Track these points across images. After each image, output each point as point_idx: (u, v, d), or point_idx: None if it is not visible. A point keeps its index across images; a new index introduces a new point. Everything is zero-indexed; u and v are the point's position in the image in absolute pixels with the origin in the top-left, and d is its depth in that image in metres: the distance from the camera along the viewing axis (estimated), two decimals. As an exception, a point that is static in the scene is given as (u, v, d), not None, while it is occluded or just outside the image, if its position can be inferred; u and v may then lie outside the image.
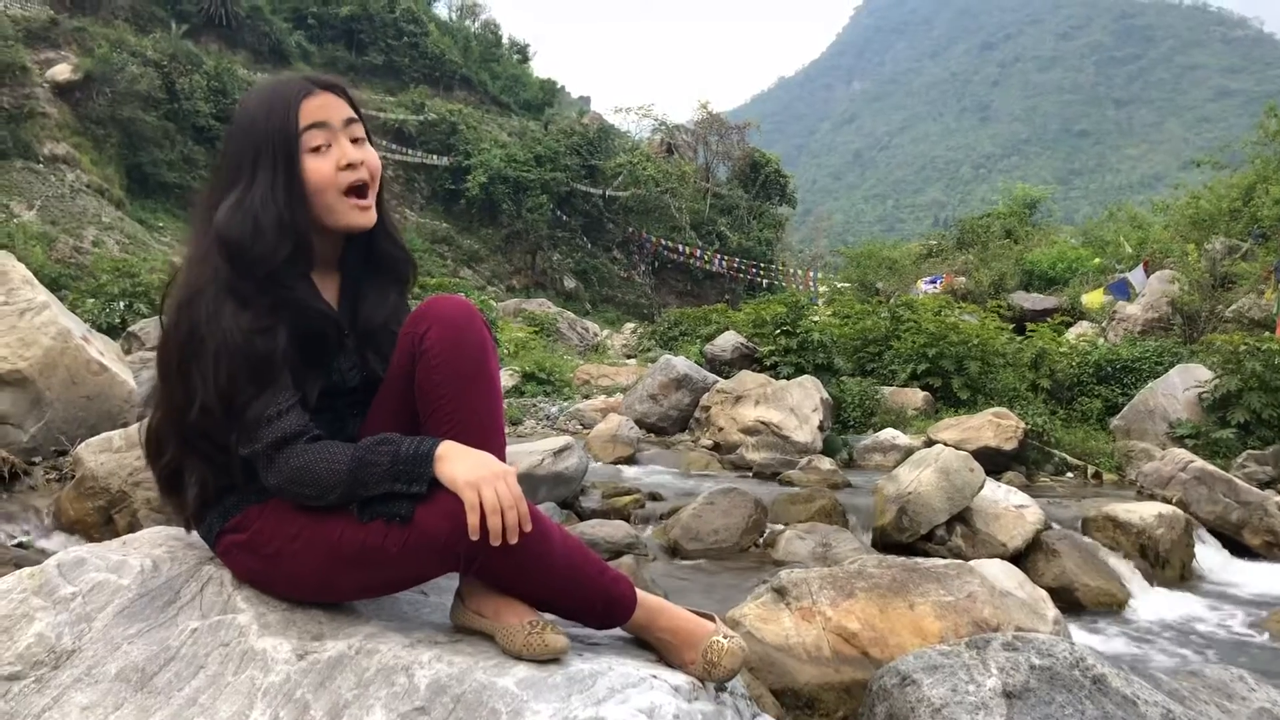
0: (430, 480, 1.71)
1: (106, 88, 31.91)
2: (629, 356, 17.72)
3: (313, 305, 1.94)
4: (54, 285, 16.88)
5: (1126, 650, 3.94)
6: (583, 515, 5.13)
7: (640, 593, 1.88)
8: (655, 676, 1.67)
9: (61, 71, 31.61)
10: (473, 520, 1.65)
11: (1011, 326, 11.22)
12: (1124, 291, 14.80)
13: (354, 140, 1.98)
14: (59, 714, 1.61)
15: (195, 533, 2.00)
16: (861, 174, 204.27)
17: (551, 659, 1.72)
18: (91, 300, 14.42)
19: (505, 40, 62.52)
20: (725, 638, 1.84)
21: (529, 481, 5.00)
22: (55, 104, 30.91)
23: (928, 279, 19.62)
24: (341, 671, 1.67)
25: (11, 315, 4.17)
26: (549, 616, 1.82)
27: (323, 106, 1.94)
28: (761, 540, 4.85)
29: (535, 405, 10.31)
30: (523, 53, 63.62)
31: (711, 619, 1.91)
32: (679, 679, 1.72)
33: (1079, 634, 3.96)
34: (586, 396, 10.98)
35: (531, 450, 5.17)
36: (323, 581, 1.82)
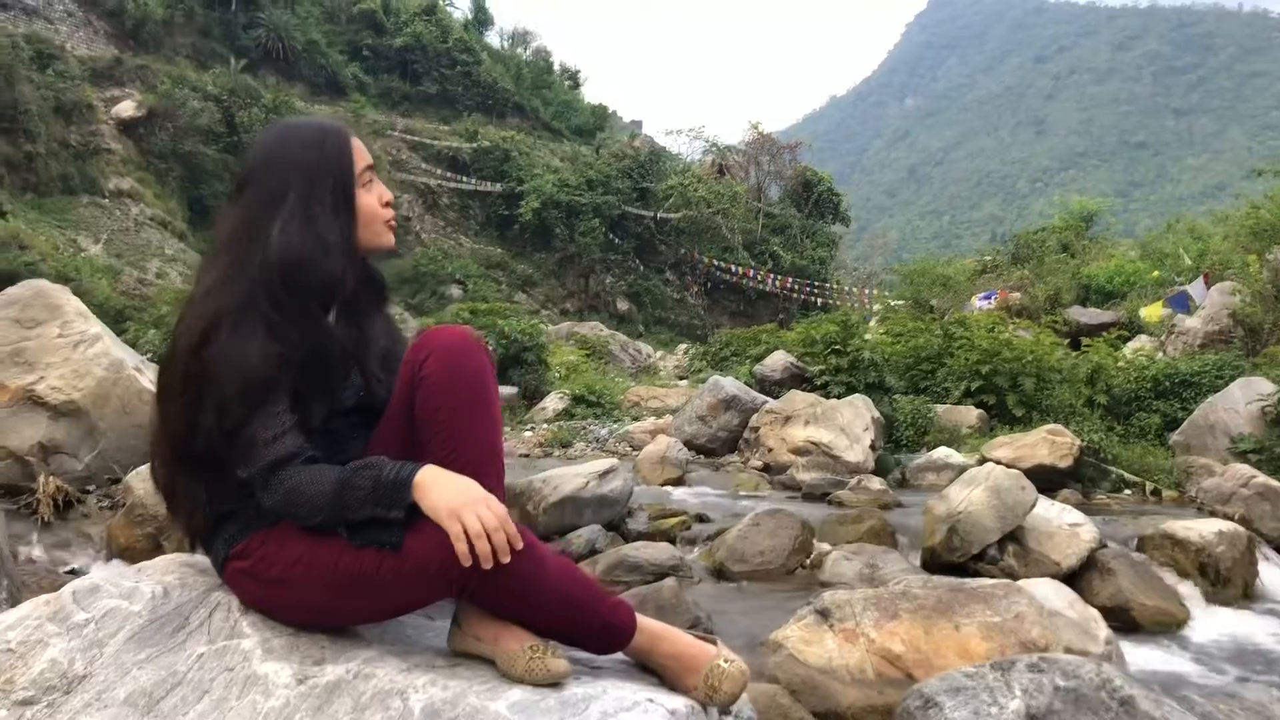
0: (410, 506, 1.74)
1: (169, 123, 32.78)
2: (681, 378, 17.71)
3: (335, 334, 2.01)
4: (119, 317, 17.31)
5: (1183, 671, 3.84)
6: (628, 537, 5.11)
7: (641, 618, 1.89)
8: (651, 700, 1.67)
9: (126, 108, 32.53)
10: (460, 549, 1.68)
11: (1066, 341, 11.04)
12: (1184, 304, 14.48)
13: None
14: (67, 739, 1.64)
15: (203, 556, 2.05)
16: (916, 190, 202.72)
17: (553, 684, 1.73)
18: (154, 331, 14.74)
19: (556, 67, 63.14)
20: (726, 662, 1.85)
21: (574, 505, 5.02)
22: (120, 140, 31.78)
23: (982, 295, 19.36)
24: (339, 696, 1.69)
25: (66, 348, 4.28)
26: (550, 641, 1.82)
27: (363, 150, 2.09)
28: (808, 561, 4.80)
29: (585, 428, 10.32)
30: (574, 79, 64.20)
31: (714, 643, 1.92)
32: (677, 703, 1.72)
33: (1134, 654, 3.87)
34: (636, 418, 10.97)
35: (577, 473, 5.18)
36: (324, 607, 1.86)
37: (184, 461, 1.92)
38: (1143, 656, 3.95)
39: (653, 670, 1.90)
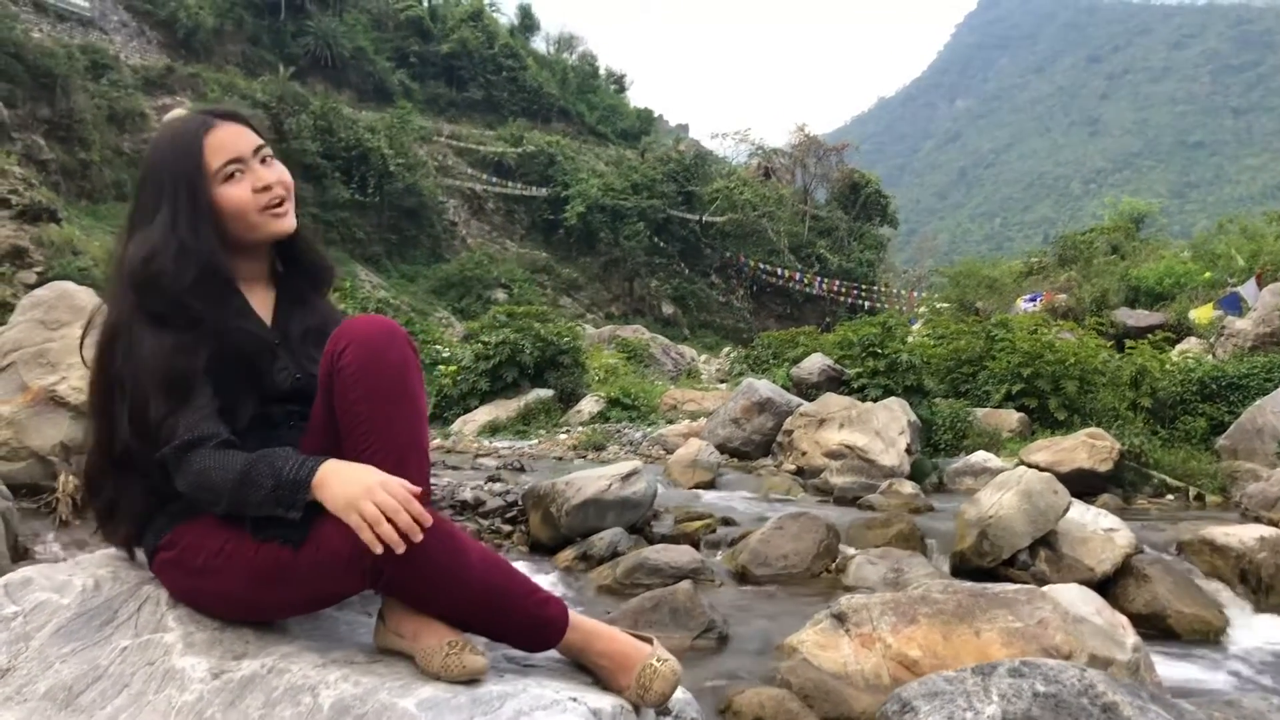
0: (308, 504, 1.73)
1: (218, 130, 33.33)
2: (721, 381, 17.63)
3: (235, 324, 2.00)
4: (166, 320, 17.53)
5: (1217, 681, 3.73)
6: (652, 540, 5.07)
7: (576, 616, 1.85)
8: (574, 699, 1.63)
9: (177, 116, 33.05)
10: (366, 537, 1.66)
11: (1111, 344, 10.82)
12: (1235, 306, 14.14)
13: (264, 162, 2.09)
14: (-14, 732, 1.66)
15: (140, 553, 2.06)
16: (967, 192, 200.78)
17: (469, 680, 1.69)
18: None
19: (602, 71, 63.34)
20: (660, 661, 1.80)
21: (596, 507, 4.98)
22: (171, 147, 32.32)
23: (1027, 297, 19.09)
24: (252, 691, 1.68)
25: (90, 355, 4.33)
26: (480, 641, 1.79)
27: (231, 138, 2.06)
28: (833, 566, 4.74)
29: (619, 430, 10.31)
30: (619, 83, 64.37)
31: (650, 642, 1.87)
32: (603, 702, 1.68)
33: (1165, 663, 3.76)
34: (671, 421, 10.93)
35: (599, 475, 5.14)
36: (248, 598, 1.84)
37: (113, 465, 1.96)
38: (1176, 665, 3.85)
39: (588, 670, 1.86)
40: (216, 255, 1.99)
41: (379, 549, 1.66)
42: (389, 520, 1.66)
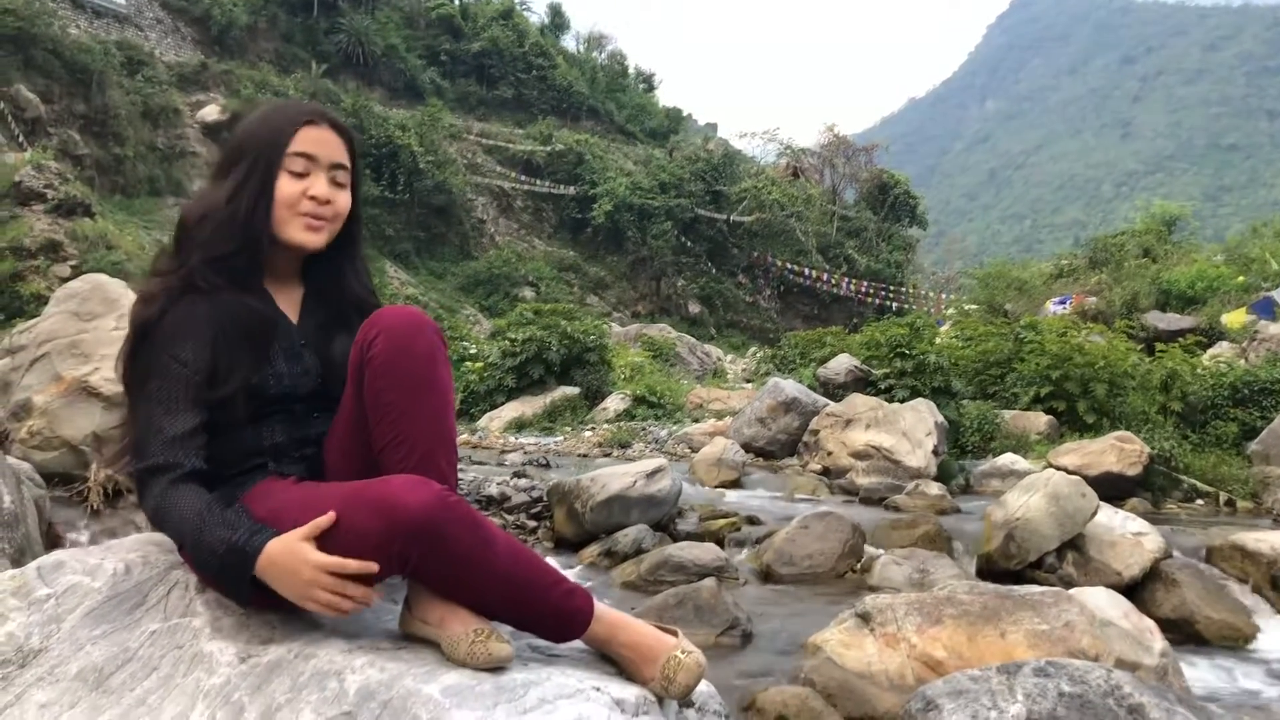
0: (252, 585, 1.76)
1: (251, 127, 33.65)
2: (748, 380, 17.59)
3: (247, 299, 2.01)
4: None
5: (1247, 687, 3.69)
6: (676, 537, 5.08)
7: (601, 607, 1.85)
8: (597, 689, 1.63)
9: (210, 112, 33.39)
10: (335, 610, 1.71)
11: (1141, 347, 10.72)
12: (1269, 310, 13.96)
13: (334, 182, 2.08)
14: (19, 711, 1.67)
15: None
16: (997, 194, 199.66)
17: (495, 668, 1.70)
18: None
19: (631, 70, 63.32)
20: (684, 653, 1.80)
21: (621, 503, 4.99)
22: (204, 143, 32.62)
23: (1057, 299, 18.94)
24: (279, 675, 1.69)
25: (120, 340, 4.38)
26: (505, 629, 1.80)
27: (319, 141, 2.05)
28: (858, 566, 4.73)
29: (644, 429, 10.32)
30: (648, 82, 64.34)
31: (675, 634, 1.87)
32: (627, 692, 1.67)
33: (1194, 668, 3.74)
34: (697, 420, 10.93)
35: (624, 472, 5.15)
36: None
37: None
38: (1204, 671, 3.82)
39: (613, 661, 1.85)
40: (262, 237, 2.01)
41: (349, 607, 1.72)
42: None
